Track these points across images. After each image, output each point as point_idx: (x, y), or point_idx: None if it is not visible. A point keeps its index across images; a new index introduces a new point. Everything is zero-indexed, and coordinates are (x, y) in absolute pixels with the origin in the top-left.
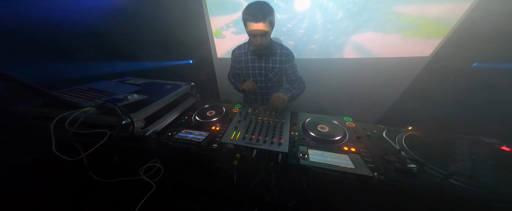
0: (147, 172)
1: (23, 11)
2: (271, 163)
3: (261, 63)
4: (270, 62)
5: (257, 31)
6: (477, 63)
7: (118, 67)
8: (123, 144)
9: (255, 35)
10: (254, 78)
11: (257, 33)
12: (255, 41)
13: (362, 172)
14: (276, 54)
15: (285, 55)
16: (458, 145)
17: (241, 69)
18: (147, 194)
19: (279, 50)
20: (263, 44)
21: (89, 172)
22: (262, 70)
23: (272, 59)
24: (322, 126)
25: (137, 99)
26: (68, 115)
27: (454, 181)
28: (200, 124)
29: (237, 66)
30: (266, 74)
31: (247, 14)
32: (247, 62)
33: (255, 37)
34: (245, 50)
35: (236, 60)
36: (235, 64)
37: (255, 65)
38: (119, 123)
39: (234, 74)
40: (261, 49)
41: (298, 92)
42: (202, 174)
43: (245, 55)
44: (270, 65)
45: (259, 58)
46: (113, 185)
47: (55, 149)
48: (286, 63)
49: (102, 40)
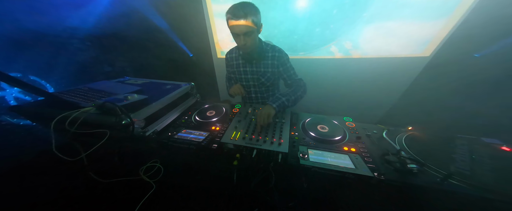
0: (147, 172)
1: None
2: (271, 163)
3: (252, 68)
4: (261, 66)
5: (237, 28)
6: (478, 54)
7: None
8: (123, 144)
9: (237, 34)
10: (247, 83)
11: (239, 31)
12: (239, 41)
13: (362, 172)
14: (268, 58)
15: (277, 59)
16: (458, 145)
17: (234, 73)
18: (147, 194)
19: (270, 54)
20: (247, 45)
21: (89, 172)
22: (254, 75)
23: (263, 64)
24: (322, 126)
25: (137, 99)
26: (68, 115)
27: (454, 181)
28: (200, 124)
29: (230, 70)
30: (258, 79)
31: (229, 13)
32: (239, 66)
33: (238, 37)
34: (235, 54)
35: (228, 65)
36: (229, 68)
37: (246, 70)
38: (119, 123)
39: (229, 78)
40: (248, 52)
41: (293, 98)
42: (202, 174)
43: (236, 60)
44: (261, 70)
45: (249, 62)
46: (113, 185)
47: (55, 149)
48: (279, 67)
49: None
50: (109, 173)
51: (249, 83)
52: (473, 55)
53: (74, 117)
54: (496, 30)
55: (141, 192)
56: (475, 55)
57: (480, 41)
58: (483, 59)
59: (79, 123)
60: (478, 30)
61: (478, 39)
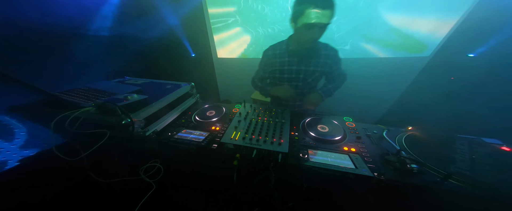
0: (147, 172)
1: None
2: (271, 163)
3: (300, 67)
4: (311, 65)
5: (321, 18)
6: (473, 54)
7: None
8: (123, 144)
9: (312, 26)
10: (290, 82)
11: (319, 24)
12: (310, 35)
13: (362, 172)
14: (320, 56)
15: (331, 57)
16: (458, 145)
17: (274, 72)
18: (147, 194)
19: (324, 52)
20: (316, 40)
21: (89, 172)
22: (300, 75)
23: (314, 62)
24: (322, 126)
25: (137, 99)
26: (68, 115)
27: (454, 181)
28: (200, 124)
29: (268, 69)
30: (304, 78)
31: (308, 2)
32: (283, 64)
33: (311, 29)
34: (281, 50)
35: (268, 63)
36: (267, 67)
37: (292, 68)
38: (119, 123)
39: (262, 78)
40: (306, 48)
41: (336, 88)
42: (202, 174)
43: (280, 57)
44: (310, 69)
45: (298, 60)
46: (113, 185)
47: (55, 149)
48: (332, 66)
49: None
50: (109, 173)
51: (292, 83)
52: (469, 55)
53: (74, 117)
54: (495, 29)
55: (141, 192)
56: (468, 55)
57: (480, 41)
58: (482, 59)
59: (79, 123)
60: (478, 30)
61: (478, 39)
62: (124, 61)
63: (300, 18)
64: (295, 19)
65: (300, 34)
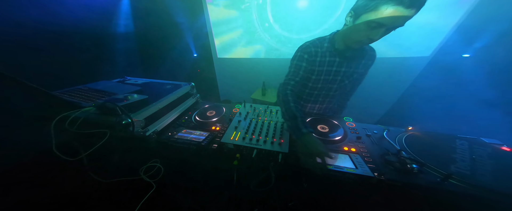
0: (147, 172)
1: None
2: (271, 163)
3: (341, 68)
4: (352, 66)
5: (395, 21)
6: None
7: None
8: (123, 144)
9: (379, 26)
10: (326, 85)
11: (390, 25)
12: (369, 35)
13: (362, 172)
14: (363, 57)
15: (372, 59)
16: (458, 145)
17: (312, 73)
18: (147, 194)
19: (369, 52)
20: (373, 42)
21: (89, 172)
22: (338, 76)
23: (355, 64)
24: (322, 126)
25: (137, 99)
26: (68, 115)
27: (454, 181)
28: (200, 124)
29: (308, 68)
30: (342, 80)
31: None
32: (323, 64)
33: (376, 29)
34: (322, 49)
35: (309, 60)
36: (308, 65)
37: (332, 69)
38: (119, 123)
39: (294, 88)
40: (356, 49)
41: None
42: (202, 174)
43: (322, 56)
44: (350, 70)
45: (340, 61)
46: (113, 185)
47: (55, 149)
48: (367, 69)
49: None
50: (109, 173)
51: (328, 86)
52: (464, 55)
53: (74, 117)
54: (494, 30)
55: (141, 192)
56: (463, 55)
57: (480, 41)
58: (481, 59)
59: (79, 123)
60: (478, 30)
61: (478, 39)
62: (124, 61)
63: (367, 13)
64: (359, 14)
65: (354, 32)
